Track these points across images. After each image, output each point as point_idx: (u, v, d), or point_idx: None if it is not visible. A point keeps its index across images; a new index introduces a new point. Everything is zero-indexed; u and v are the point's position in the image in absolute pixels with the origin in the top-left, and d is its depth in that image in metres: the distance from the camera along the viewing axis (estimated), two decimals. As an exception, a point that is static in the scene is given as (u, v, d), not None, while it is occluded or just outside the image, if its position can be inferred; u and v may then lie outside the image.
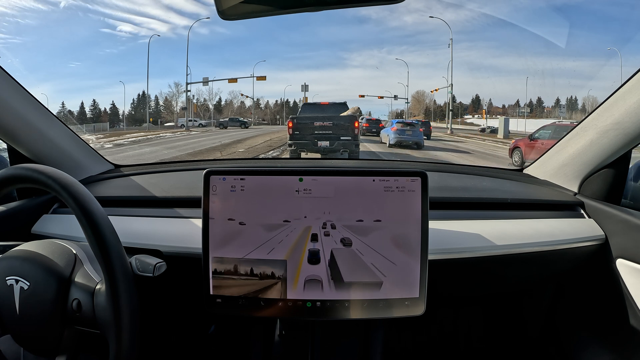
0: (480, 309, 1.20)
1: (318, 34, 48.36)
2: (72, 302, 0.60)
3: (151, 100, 26.99)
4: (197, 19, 37.88)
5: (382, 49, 50.47)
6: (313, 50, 50.32)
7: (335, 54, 48.40)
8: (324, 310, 0.70)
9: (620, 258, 0.81)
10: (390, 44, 49.34)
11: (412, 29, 48.68)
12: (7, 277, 0.60)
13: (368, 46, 48.76)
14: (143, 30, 32.55)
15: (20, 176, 0.59)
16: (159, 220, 0.87)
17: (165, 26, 42.60)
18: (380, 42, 48.75)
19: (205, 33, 38.30)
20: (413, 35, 49.91)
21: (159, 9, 33.54)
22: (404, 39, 52.53)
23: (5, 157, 0.99)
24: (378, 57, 50.36)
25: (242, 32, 40.24)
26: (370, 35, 50.18)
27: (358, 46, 48.89)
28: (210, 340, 1.14)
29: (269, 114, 31.58)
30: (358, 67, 49.81)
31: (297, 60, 51.98)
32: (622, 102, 0.79)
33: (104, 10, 32.82)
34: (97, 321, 0.58)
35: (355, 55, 49.44)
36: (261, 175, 0.71)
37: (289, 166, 0.95)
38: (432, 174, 0.76)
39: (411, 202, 0.70)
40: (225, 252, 0.70)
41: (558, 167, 0.99)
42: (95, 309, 0.58)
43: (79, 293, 0.60)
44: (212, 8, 0.64)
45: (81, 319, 0.59)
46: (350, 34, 50.30)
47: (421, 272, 0.69)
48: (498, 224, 0.85)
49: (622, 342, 0.85)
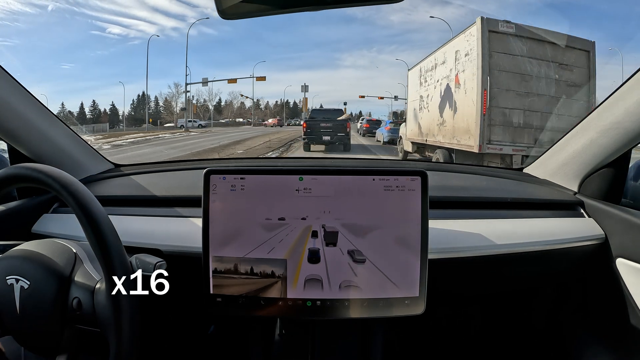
0: (480, 308, 1.20)
1: (307, 35, 48.42)
2: (72, 300, 0.60)
3: (151, 100, 26.86)
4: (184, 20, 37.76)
5: (372, 48, 50.54)
6: (304, 51, 50.39)
7: (326, 54, 48.44)
8: (324, 310, 0.70)
9: (620, 257, 0.81)
10: (380, 43, 49.36)
11: (399, 28, 48.58)
12: (7, 276, 0.60)
13: (357, 46, 48.79)
14: (132, 32, 32.62)
15: (21, 175, 0.59)
16: (159, 220, 0.87)
17: (153, 27, 42.59)
18: (369, 42, 48.79)
19: (194, 34, 38.38)
20: (401, 34, 49.89)
21: (145, 10, 33.54)
22: (393, 38, 52.54)
23: (5, 157, 0.99)
24: (368, 57, 50.43)
25: (230, 34, 40.34)
26: (358, 35, 50.20)
27: (348, 46, 48.88)
28: (210, 340, 1.14)
29: (269, 115, 31.54)
30: (350, 67, 49.78)
31: (290, 61, 52.06)
32: (621, 102, 0.79)
33: (90, 12, 32.81)
34: (97, 320, 0.58)
35: (346, 55, 49.41)
36: (261, 175, 0.71)
37: (289, 165, 0.95)
38: (432, 173, 0.76)
39: (411, 202, 0.70)
40: (226, 251, 0.70)
41: (558, 167, 0.99)
42: (96, 307, 0.58)
43: (79, 292, 0.60)
44: (199, 9, 0.64)
45: (81, 317, 0.59)
46: (338, 34, 50.27)
47: (421, 271, 0.69)
48: (498, 223, 0.85)
49: (622, 341, 0.85)
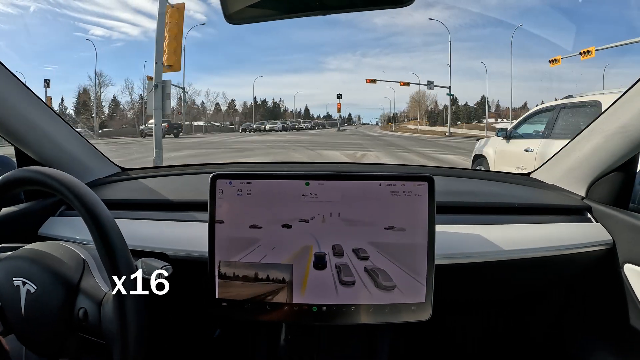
0: (487, 314, 1.19)
1: (291, 38, 48.09)
2: (78, 310, 0.59)
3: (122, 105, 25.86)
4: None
5: (356, 51, 50.26)
6: (289, 54, 50.04)
7: (311, 57, 48.12)
8: (330, 315, 0.70)
9: (628, 263, 0.81)
10: (364, 46, 49.13)
11: (383, 31, 48.25)
12: (14, 277, 0.60)
13: (342, 49, 48.51)
14: (115, 33, 32.48)
15: (27, 178, 0.59)
16: (165, 224, 0.87)
17: (136, 29, 42.60)
18: (353, 45, 48.53)
19: None
20: (385, 38, 49.56)
21: (127, 12, 33.34)
22: (377, 41, 52.29)
23: (12, 160, 1.00)
24: (353, 60, 50.16)
25: (215, 37, 39.96)
26: (342, 39, 49.87)
27: (332, 49, 48.61)
28: (216, 344, 1.13)
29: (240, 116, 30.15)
30: (335, 71, 49.51)
31: (275, 65, 51.79)
32: (628, 106, 0.79)
33: (72, 14, 32.67)
34: (103, 332, 0.57)
35: (331, 58, 49.15)
36: (268, 180, 0.71)
37: (295, 170, 0.95)
38: (439, 179, 0.76)
39: (418, 207, 0.69)
40: (231, 255, 0.70)
41: (565, 171, 0.99)
42: (102, 320, 0.57)
43: (86, 302, 0.59)
44: None
45: (87, 328, 0.59)
46: (322, 37, 50.02)
47: (428, 277, 0.69)
48: (505, 228, 0.84)
49: (629, 348, 0.84)
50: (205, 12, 35.25)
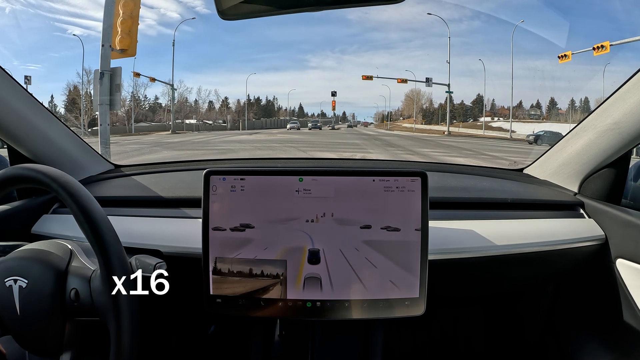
0: (480, 308, 1.20)
1: (268, 36, 46.91)
2: (70, 292, 0.60)
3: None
4: (142, 21, 36.67)
5: (335, 48, 49.27)
6: (267, 52, 48.86)
7: (292, 55, 47.06)
8: (324, 310, 0.70)
9: (620, 258, 0.81)
10: (341, 43, 48.04)
11: (358, 27, 47.16)
12: (5, 279, 0.60)
13: (320, 47, 47.42)
14: (93, 32, 31.65)
15: (20, 176, 0.59)
16: (158, 220, 0.87)
17: None
18: (331, 42, 47.38)
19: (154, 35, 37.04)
20: (361, 34, 48.49)
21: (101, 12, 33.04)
22: (353, 37, 51.13)
23: (5, 157, 0.99)
24: (333, 58, 49.20)
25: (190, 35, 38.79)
26: (319, 37, 48.71)
27: (311, 47, 47.59)
28: (210, 341, 1.14)
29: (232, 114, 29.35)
30: (317, 69, 48.65)
31: (254, 63, 50.56)
32: (621, 103, 0.79)
33: (47, 14, 31.88)
34: (95, 307, 0.59)
35: (310, 56, 48.18)
36: (261, 175, 0.71)
37: (289, 166, 0.95)
38: (432, 174, 0.76)
39: (411, 202, 0.70)
40: (225, 252, 0.70)
41: (558, 167, 0.99)
42: (93, 294, 0.59)
43: (75, 282, 0.60)
44: (155, 10, 0.64)
45: (80, 308, 0.60)
46: (299, 34, 48.98)
47: (421, 272, 0.69)
48: (498, 224, 0.85)
49: (622, 342, 0.85)
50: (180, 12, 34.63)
